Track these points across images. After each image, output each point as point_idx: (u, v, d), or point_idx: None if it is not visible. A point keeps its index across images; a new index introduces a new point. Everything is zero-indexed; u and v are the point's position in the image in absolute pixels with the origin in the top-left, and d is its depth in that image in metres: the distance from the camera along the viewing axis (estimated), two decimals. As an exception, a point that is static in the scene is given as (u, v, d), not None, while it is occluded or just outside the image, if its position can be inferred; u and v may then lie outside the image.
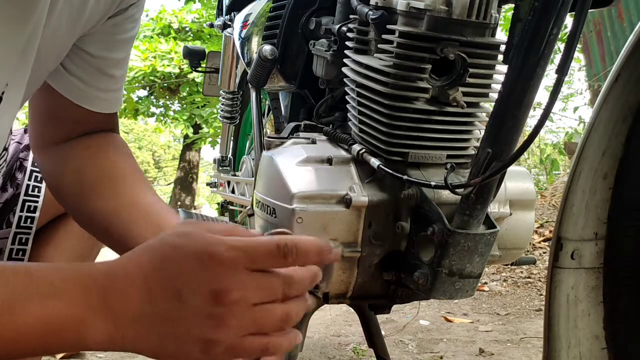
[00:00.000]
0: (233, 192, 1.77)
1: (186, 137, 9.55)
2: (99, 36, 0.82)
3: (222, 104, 1.82)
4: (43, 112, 0.87)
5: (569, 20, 0.72)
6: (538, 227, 3.28)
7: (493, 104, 0.78)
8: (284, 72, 1.25)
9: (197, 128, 9.09)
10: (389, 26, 0.87)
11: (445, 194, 0.88)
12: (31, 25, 0.69)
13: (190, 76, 8.41)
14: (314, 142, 0.99)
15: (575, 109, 6.14)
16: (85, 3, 0.75)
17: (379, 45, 0.89)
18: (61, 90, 0.83)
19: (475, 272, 0.86)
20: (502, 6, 0.90)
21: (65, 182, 0.85)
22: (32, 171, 1.01)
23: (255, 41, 1.36)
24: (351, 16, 1.00)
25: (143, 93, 9.49)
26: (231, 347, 0.53)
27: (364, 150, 0.92)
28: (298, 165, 0.92)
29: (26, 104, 0.83)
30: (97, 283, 0.53)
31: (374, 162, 0.89)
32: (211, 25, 1.89)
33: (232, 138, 1.96)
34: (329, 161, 0.93)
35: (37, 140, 0.89)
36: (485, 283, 2.79)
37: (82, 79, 0.83)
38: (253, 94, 1.34)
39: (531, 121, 3.65)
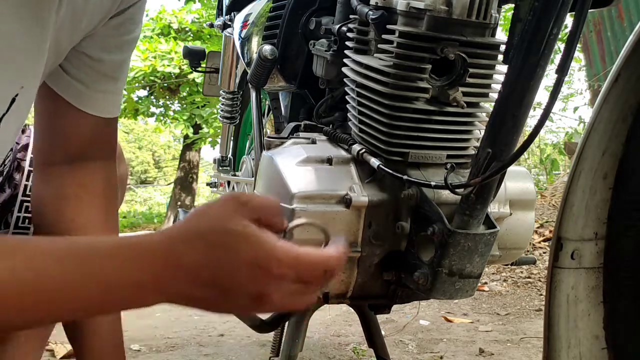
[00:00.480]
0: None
1: (186, 137, 9.54)
2: (99, 38, 0.82)
3: (222, 104, 1.82)
4: (45, 122, 0.88)
5: (569, 20, 0.72)
6: (538, 227, 3.28)
7: (493, 104, 0.78)
8: (284, 72, 1.25)
9: (197, 128, 9.09)
10: (389, 26, 0.87)
11: (445, 194, 0.88)
12: (43, 25, 0.70)
13: (190, 76, 8.40)
14: (314, 142, 0.99)
15: (575, 109, 6.15)
16: (87, 2, 0.75)
17: (379, 45, 0.89)
18: (61, 92, 0.83)
19: (475, 272, 0.86)
20: (502, 6, 0.90)
21: (47, 204, 0.89)
22: (29, 171, 1.02)
23: (255, 41, 1.36)
24: (351, 16, 1.00)
25: (143, 93, 9.49)
26: None
27: (364, 150, 0.92)
28: (298, 165, 0.92)
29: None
30: (149, 268, 0.57)
31: (374, 162, 0.89)
32: (211, 25, 1.89)
33: (232, 138, 1.96)
34: (329, 161, 0.93)
35: (39, 158, 0.90)
36: (485, 283, 2.79)
37: (82, 81, 0.84)
38: (253, 94, 1.34)
39: (531, 121, 3.65)
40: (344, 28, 1.02)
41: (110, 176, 0.93)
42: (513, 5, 0.83)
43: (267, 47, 1.21)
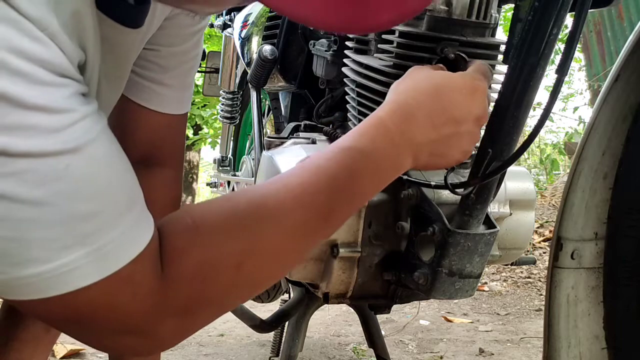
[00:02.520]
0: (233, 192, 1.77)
1: (187, 137, 9.54)
2: (164, 31, 0.82)
3: (222, 104, 1.82)
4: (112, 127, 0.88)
5: (569, 20, 0.72)
6: (538, 227, 3.28)
7: (493, 104, 0.78)
8: (284, 72, 1.25)
9: (197, 129, 9.09)
10: (389, 26, 0.87)
11: (445, 193, 0.88)
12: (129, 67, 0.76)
13: (190, 79, 8.38)
14: (314, 142, 0.99)
15: (575, 109, 6.14)
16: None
17: (379, 45, 0.89)
18: (127, 93, 0.83)
19: (475, 272, 0.86)
20: (502, 6, 0.90)
21: None
22: None
23: (255, 41, 1.36)
24: (351, 16, 0.99)
25: (143, 93, 9.48)
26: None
27: (364, 150, 0.92)
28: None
29: None
30: (393, 129, 0.65)
31: (374, 162, 0.89)
32: (211, 25, 1.89)
33: (232, 138, 1.96)
34: (329, 161, 0.93)
35: None
36: (485, 283, 2.79)
37: (139, 74, 0.84)
38: (253, 94, 1.34)
39: (531, 121, 3.64)
40: (344, 28, 1.02)
41: (174, 185, 0.92)
42: (513, 5, 0.83)
43: (267, 47, 1.21)
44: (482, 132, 0.78)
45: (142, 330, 0.55)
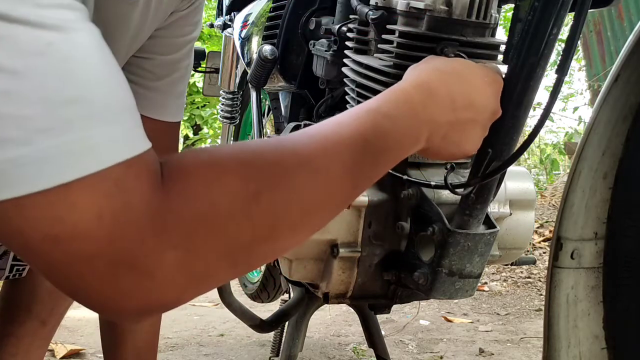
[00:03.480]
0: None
1: (186, 137, 9.55)
2: (155, 40, 0.83)
3: (222, 104, 1.82)
4: None
5: (569, 20, 0.72)
6: (538, 227, 3.28)
7: (493, 104, 0.78)
8: (284, 72, 1.25)
9: (197, 129, 9.09)
10: (389, 26, 0.87)
11: (445, 193, 0.88)
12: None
13: (190, 80, 8.40)
14: (314, 142, 0.99)
15: (575, 109, 6.14)
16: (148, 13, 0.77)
17: (379, 45, 0.89)
18: None
19: (475, 272, 0.86)
20: (502, 6, 0.90)
21: None
22: None
23: (255, 41, 1.36)
24: (351, 16, 1.00)
25: (143, 93, 9.49)
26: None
27: (364, 150, 0.92)
28: (298, 165, 0.92)
29: None
30: (417, 100, 0.63)
31: (374, 162, 0.89)
32: (211, 26, 1.89)
33: (232, 138, 1.96)
34: (329, 161, 0.93)
35: None
36: (485, 283, 2.79)
37: (142, 85, 0.84)
38: (253, 94, 1.34)
39: (531, 121, 3.64)
40: (344, 28, 1.02)
41: None
42: (513, 5, 0.83)
43: (267, 47, 1.21)
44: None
45: (136, 259, 0.44)
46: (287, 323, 1.19)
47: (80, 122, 0.42)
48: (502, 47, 0.84)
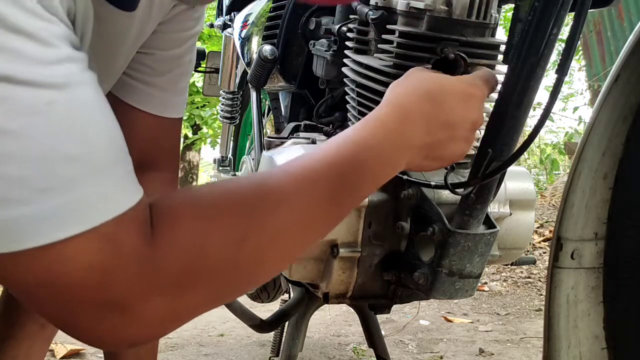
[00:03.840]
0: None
1: (185, 137, 9.54)
2: (159, 35, 0.82)
3: (222, 104, 1.82)
4: None
5: (569, 20, 0.72)
6: (538, 227, 3.28)
7: (493, 104, 0.78)
8: (284, 72, 1.25)
9: (196, 128, 9.09)
10: (389, 26, 0.87)
11: (445, 193, 0.88)
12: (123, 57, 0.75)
13: (190, 80, 8.39)
14: (314, 142, 0.99)
15: (575, 109, 6.14)
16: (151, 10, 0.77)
17: (379, 45, 0.89)
18: (114, 91, 0.83)
19: (475, 272, 0.86)
20: (502, 6, 0.90)
21: None
22: None
23: (255, 41, 1.36)
24: (351, 16, 1.00)
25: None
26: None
27: (364, 150, 0.92)
28: (298, 165, 0.92)
29: None
30: (392, 128, 0.65)
31: (374, 162, 0.89)
32: (211, 26, 1.89)
33: (232, 138, 1.96)
34: (329, 161, 0.93)
35: None
36: (485, 283, 2.79)
37: (135, 77, 0.83)
38: (253, 94, 1.34)
39: (531, 121, 3.64)
40: (344, 28, 1.02)
41: (170, 190, 0.90)
42: (513, 5, 0.83)
43: (267, 47, 1.21)
44: (482, 133, 0.79)
45: (124, 305, 0.47)
46: (287, 323, 1.19)
47: (77, 181, 0.45)
48: (502, 47, 0.84)
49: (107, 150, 0.48)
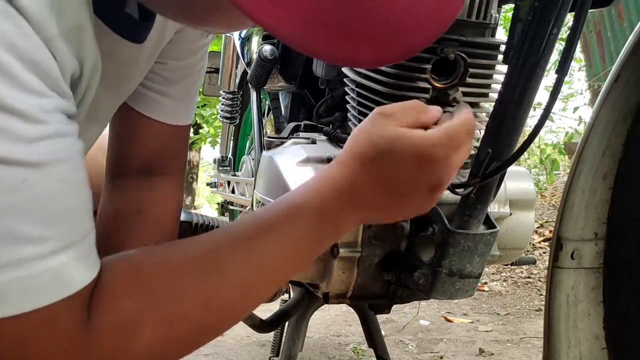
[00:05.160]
0: (233, 192, 1.78)
1: (186, 138, 9.54)
2: (172, 45, 0.83)
3: (222, 104, 1.82)
4: (113, 132, 0.88)
5: (569, 20, 0.72)
6: (538, 227, 3.28)
7: (493, 104, 0.78)
8: (284, 72, 1.25)
9: (197, 128, 9.09)
10: (389, 26, 0.87)
11: (445, 193, 0.88)
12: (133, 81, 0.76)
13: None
14: (314, 142, 0.99)
15: (575, 109, 6.14)
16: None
17: (379, 45, 0.89)
18: (132, 103, 0.83)
19: (475, 272, 0.86)
20: (502, 6, 0.90)
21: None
22: None
23: (255, 41, 1.36)
24: (351, 16, 0.99)
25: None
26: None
27: (364, 150, 0.92)
28: (298, 165, 0.92)
29: None
30: (344, 194, 0.64)
31: (374, 162, 0.89)
32: (211, 25, 1.89)
33: (232, 138, 1.96)
34: (329, 161, 0.93)
35: (108, 169, 0.89)
36: (485, 283, 2.79)
37: (154, 89, 0.84)
38: (253, 94, 1.34)
39: (531, 121, 3.65)
40: (344, 28, 1.01)
41: (175, 194, 0.91)
42: (513, 5, 0.82)
43: (267, 47, 1.21)
44: (482, 133, 0.79)
45: None
46: (287, 323, 1.19)
47: (31, 262, 0.46)
48: (502, 47, 0.84)
49: (71, 229, 0.50)
